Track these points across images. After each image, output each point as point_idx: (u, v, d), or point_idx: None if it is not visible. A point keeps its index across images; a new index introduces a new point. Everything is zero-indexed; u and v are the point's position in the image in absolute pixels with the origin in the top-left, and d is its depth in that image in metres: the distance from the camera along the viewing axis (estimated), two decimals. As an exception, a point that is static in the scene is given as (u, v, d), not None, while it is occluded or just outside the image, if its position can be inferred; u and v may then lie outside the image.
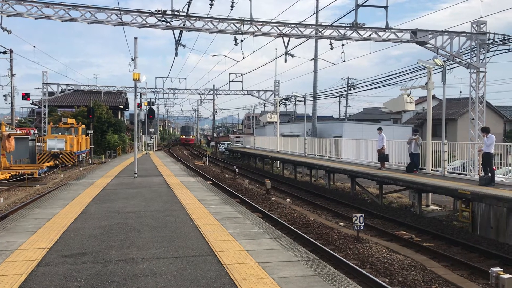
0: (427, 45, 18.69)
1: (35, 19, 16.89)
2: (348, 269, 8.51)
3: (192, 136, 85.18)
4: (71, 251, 6.43)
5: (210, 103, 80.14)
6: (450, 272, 8.93)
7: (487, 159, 13.55)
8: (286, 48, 21.25)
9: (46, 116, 38.41)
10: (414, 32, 18.56)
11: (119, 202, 11.00)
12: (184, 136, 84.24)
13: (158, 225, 8.25)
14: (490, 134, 13.67)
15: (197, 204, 10.79)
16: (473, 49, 18.55)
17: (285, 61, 21.97)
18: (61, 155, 29.87)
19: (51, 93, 39.29)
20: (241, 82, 42.22)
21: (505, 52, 18.74)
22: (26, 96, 36.40)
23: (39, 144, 32.12)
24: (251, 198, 17.52)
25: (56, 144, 29.99)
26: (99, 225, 8.27)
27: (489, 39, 18.43)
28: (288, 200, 18.22)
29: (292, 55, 22.58)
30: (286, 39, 20.08)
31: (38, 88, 38.71)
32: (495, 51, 18.71)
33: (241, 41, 20.18)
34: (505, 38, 18.28)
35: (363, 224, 10.84)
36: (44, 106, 38.12)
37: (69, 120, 33.85)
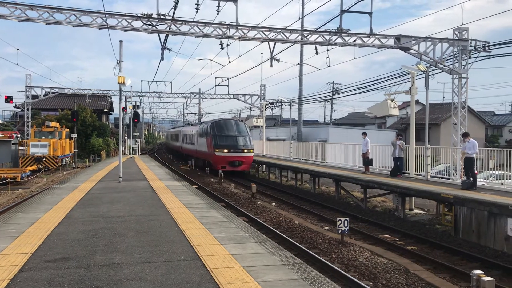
0: (411, 51, 18.95)
1: (19, 21, 16.69)
2: (333, 272, 8.57)
3: (250, 150, 29.92)
4: (55, 256, 6.38)
5: (196, 107, 78.70)
6: (433, 275, 9.06)
7: (469, 164, 13.79)
8: (271, 53, 21.39)
9: (29, 120, 37.89)
10: (398, 38, 18.82)
11: (104, 207, 10.92)
12: (226, 150, 28.77)
13: (143, 230, 8.21)
14: (471, 138, 13.93)
15: (182, 208, 10.77)
16: (455, 55, 18.85)
17: (271, 65, 22.06)
18: (44, 159, 29.51)
19: (34, 96, 38.78)
20: (227, 86, 42.28)
21: (486, 59, 19.08)
22: (8, 99, 35.89)
23: (22, 147, 31.70)
24: (237, 202, 17.52)
25: (39, 147, 29.63)
26: (83, 229, 8.21)
27: (470, 46, 18.75)
28: (274, 204, 18.26)
29: (278, 60, 22.74)
30: (271, 44, 20.21)
31: (21, 91, 38.10)
32: (476, 57, 19.04)
33: (227, 45, 20.19)
34: (486, 45, 18.62)
35: (348, 228, 10.93)
36: (27, 109, 37.58)
37: (53, 124, 33.48)
